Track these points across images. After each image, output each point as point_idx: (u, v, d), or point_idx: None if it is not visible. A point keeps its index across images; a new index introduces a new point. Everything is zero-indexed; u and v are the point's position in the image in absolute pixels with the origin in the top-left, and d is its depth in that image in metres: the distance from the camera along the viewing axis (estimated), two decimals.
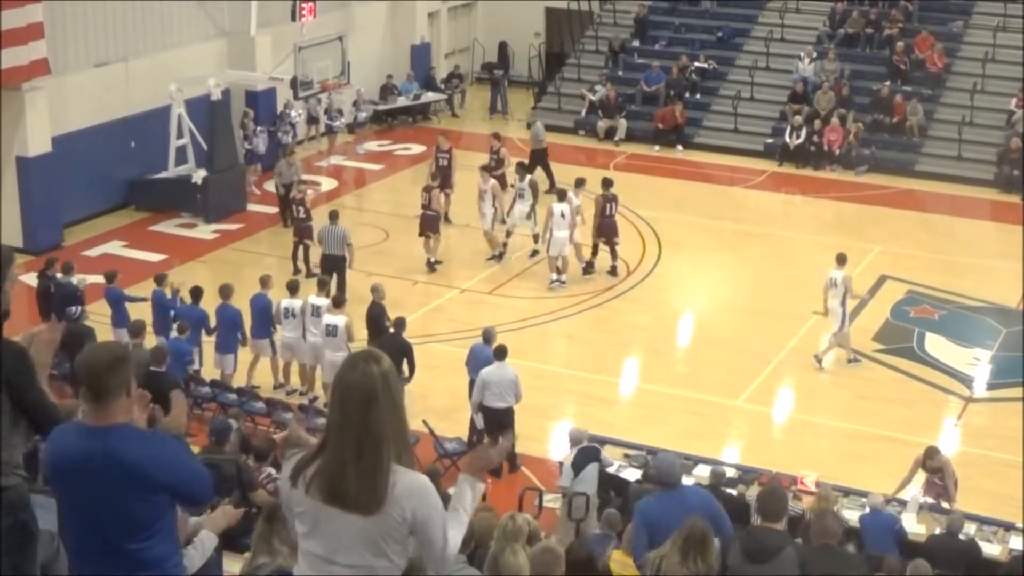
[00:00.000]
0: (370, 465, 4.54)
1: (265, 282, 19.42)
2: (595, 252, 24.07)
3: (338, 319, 18.29)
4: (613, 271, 23.99)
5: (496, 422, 16.73)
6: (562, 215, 23.06)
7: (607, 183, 24.18)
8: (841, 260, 20.54)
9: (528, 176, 25.30)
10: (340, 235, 22.11)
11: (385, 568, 4.62)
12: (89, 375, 5.03)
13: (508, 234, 24.93)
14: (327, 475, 4.58)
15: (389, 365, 4.66)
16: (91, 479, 4.99)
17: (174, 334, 18.40)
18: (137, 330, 17.30)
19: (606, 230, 23.82)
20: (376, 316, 18.94)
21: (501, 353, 16.97)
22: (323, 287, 19.43)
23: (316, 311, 18.69)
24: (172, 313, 19.01)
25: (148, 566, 5.11)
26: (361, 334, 18.85)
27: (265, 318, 19.06)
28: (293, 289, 19.22)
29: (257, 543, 8.08)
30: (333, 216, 22.55)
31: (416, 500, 4.59)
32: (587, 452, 15.09)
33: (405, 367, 17.26)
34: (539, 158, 28.49)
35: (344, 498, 4.55)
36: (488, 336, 17.77)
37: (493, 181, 24.98)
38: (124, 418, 5.06)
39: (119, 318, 19.14)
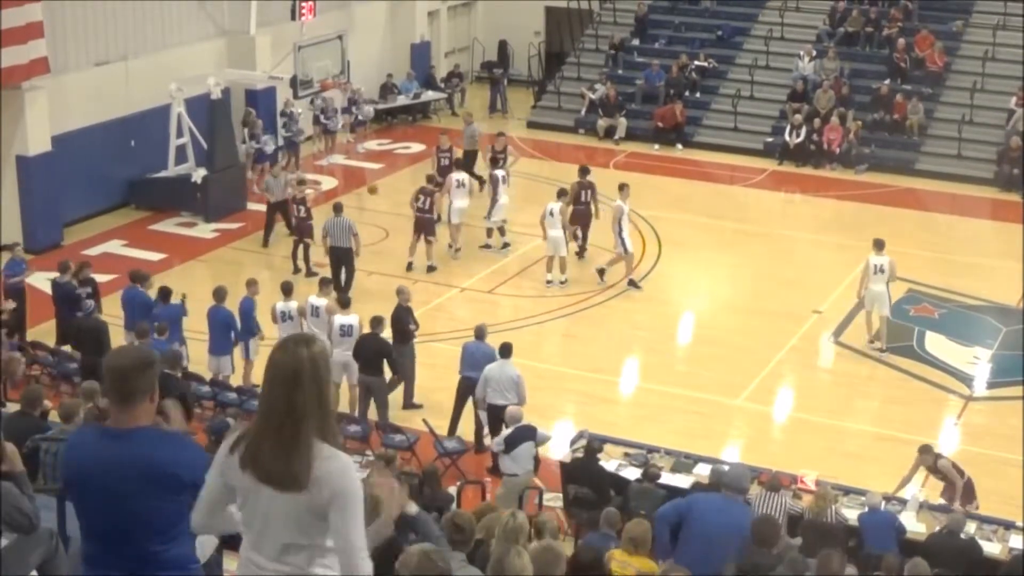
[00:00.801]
0: (287, 441, 4.61)
1: (250, 285, 19.09)
2: (576, 240, 24.42)
3: (351, 318, 18.14)
4: (581, 253, 24.53)
5: (498, 419, 16.75)
6: (551, 214, 23.13)
7: (584, 171, 24.70)
8: (880, 245, 20.95)
9: (496, 171, 25.45)
10: (346, 226, 22.29)
11: (309, 546, 4.67)
12: (117, 378, 5.01)
13: (503, 231, 25.03)
14: (248, 448, 4.68)
15: (320, 348, 4.73)
16: (117, 482, 4.98)
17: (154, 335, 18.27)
18: (143, 331, 17.30)
19: (578, 217, 24.05)
20: (401, 318, 18.74)
21: (505, 351, 16.95)
22: (324, 287, 19.37)
23: (315, 311, 18.59)
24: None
25: (171, 567, 5.11)
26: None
27: (247, 321, 18.78)
28: (287, 291, 19.05)
29: None
30: (338, 208, 22.64)
31: (336, 480, 4.62)
32: (523, 431, 15.36)
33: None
34: (469, 160, 28.26)
35: (260, 471, 4.63)
36: (480, 333, 17.73)
37: (453, 176, 25.05)
38: (147, 421, 5.06)
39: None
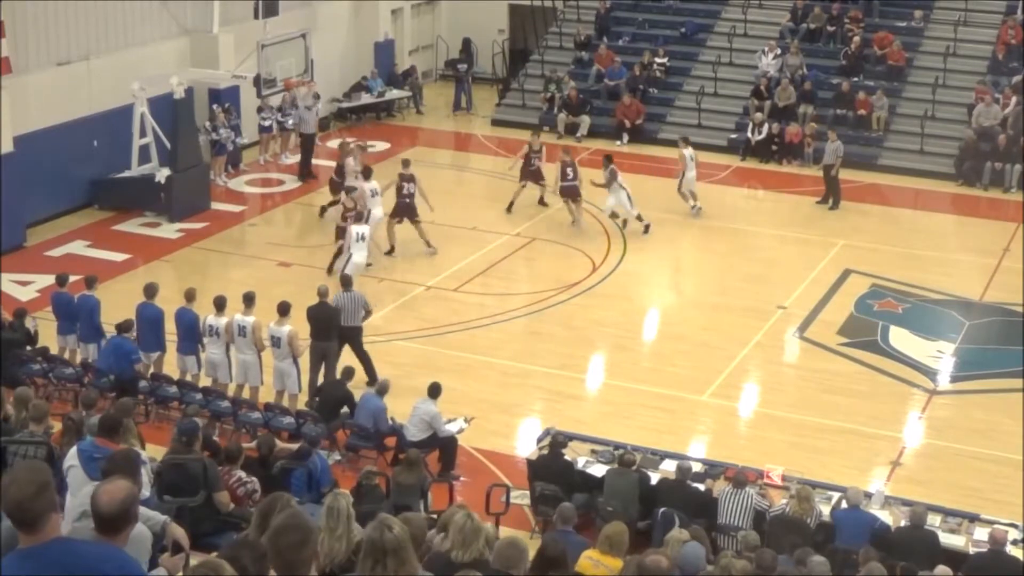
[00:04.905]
0: None
1: (190, 296, 18.62)
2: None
3: (282, 329, 17.86)
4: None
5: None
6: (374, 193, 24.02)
7: (566, 151, 26.57)
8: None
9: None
10: (359, 300, 19.31)
11: None
12: (17, 509, 4.93)
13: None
14: None
15: None
16: None
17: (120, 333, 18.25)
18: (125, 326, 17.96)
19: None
20: (322, 316, 18.60)
21: (433, 391, 16.87)
22: (249, 304, 18.33)
23: (242, 331, 17.95)
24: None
25: None
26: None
27: (191, 333, 18.49)
28: (220, 306, 18.29)
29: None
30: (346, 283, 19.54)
31: None
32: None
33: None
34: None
35: None
36: (382, 388, 17.32)
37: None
38: (56, 533, 5.00)
39: (69, 326, 19.27)
